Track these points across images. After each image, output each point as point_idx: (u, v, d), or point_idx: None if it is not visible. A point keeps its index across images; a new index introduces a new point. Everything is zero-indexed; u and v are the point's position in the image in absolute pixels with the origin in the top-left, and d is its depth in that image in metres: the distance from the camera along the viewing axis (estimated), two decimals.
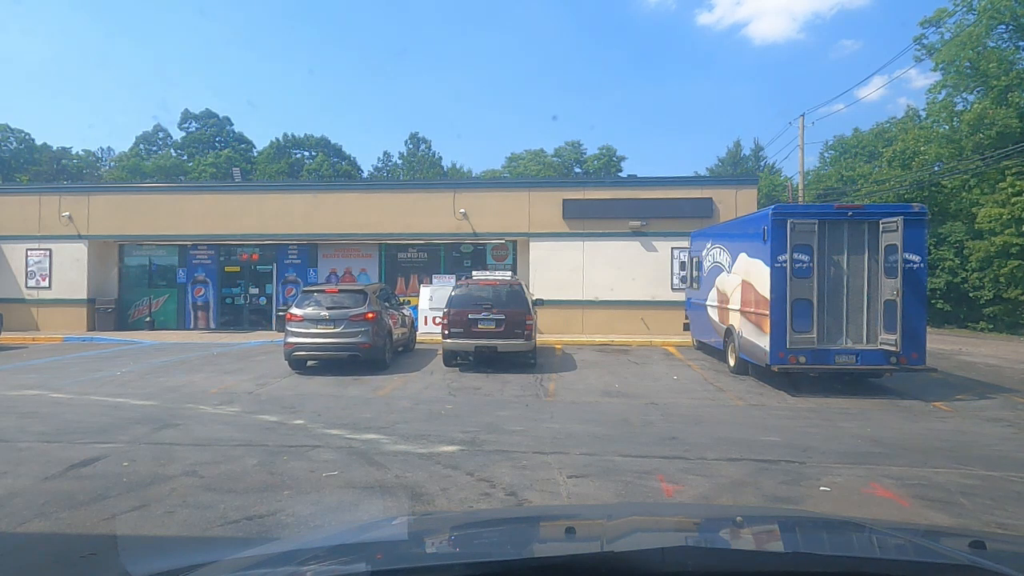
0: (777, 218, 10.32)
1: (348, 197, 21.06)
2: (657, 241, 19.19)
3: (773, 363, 10.29)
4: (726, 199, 19.02)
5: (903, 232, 9.84)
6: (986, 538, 1.66)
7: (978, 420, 8.70)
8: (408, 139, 60.88)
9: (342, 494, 5.46)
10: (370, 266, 21.16)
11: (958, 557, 1.54)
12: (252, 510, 5.02)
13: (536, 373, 12.31)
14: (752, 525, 2.04)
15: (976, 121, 23.44)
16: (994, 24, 23.55)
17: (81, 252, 20.75)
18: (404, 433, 7.56)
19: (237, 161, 49.49)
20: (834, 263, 10.29)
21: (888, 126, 36.48)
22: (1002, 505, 5.26)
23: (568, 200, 19.59)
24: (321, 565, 1.66)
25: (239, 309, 21.53)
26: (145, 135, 57.94)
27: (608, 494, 5.49)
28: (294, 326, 12.37)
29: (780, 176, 45.71)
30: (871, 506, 5.32)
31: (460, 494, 5.45)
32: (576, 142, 60.10)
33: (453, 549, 1.94)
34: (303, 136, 58.12)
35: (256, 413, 8.73)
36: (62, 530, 4.66)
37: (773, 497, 5.46)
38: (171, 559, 1.85)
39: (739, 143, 55.34)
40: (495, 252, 20.75)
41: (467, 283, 13.72)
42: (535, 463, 6.32)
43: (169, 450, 6.80)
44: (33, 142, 52.46)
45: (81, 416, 8.53)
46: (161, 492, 5.43)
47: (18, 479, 5.82)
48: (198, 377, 11.88)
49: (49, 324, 20.43)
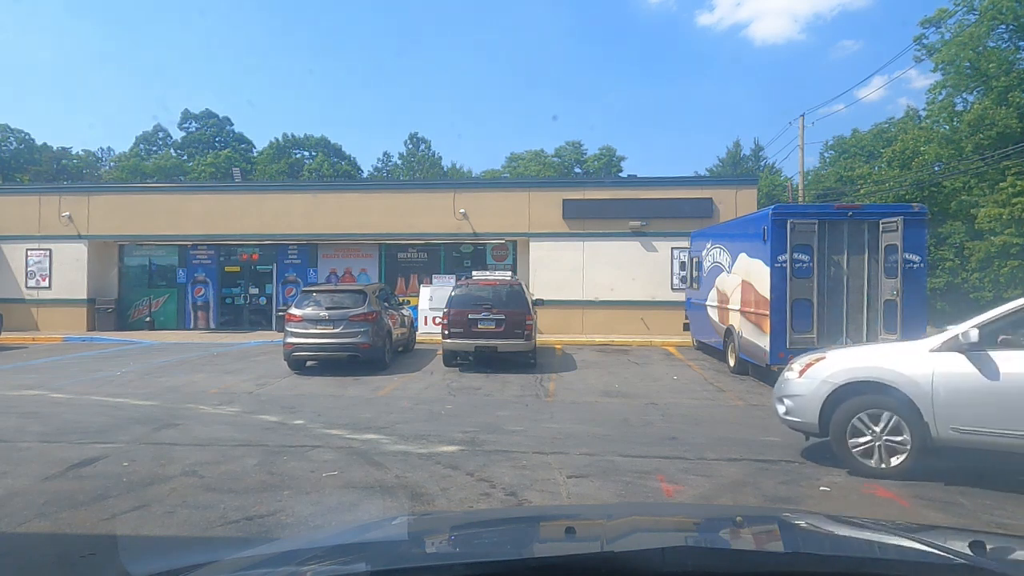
0: (777, 218, 10.33)
1: (348, 197, 21.06)
2: (657, 241, 19.19)
3: (773, 363, 10.28)
4: (726, 199, 19.02)
5: (903, 232, 9.84)
6: (986, 538, 1.66)
7: None
8: (408, 139, 60.87)
9: (342, 494, 5.46)
10: (370, 266, 21.17)
11: (958, 557, 1.54)
12: (252, 510, 5.02)
13: (536, 373, 12.31)
14: (752, 525, 2.04)
15: (976, 121, 23.44)
16: (995, 24, 23.56)
17: (81, 252, 20.74)
18: (404, 433, 7.56)
19: (237, 161, 49.50)
20: (834, 263, 10.29)
21: (888, 126, 36.46)
22: (1002, 505, 5.26)
23: (568, 200, 19.59)
24: (321, 565, 1.66)
25: (239, 309, 21.53)
26: (145, 135, 57.94)
27: (608, 494, 5.49)
28: (294, 326, 12.37)
29: (780, 176, 45.72)
30: (871, 506, 5.33)
31: (460, 494, 5.45)
32: (576, 142, 60.11)
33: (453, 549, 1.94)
34: (303, 136, 58.12)
35: (256, 413, 8.73)
36: (62, 530, 4.66)
37: (773, 497, 5.46)
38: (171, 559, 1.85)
39: (739, 143, 55.25)
40: (495, 252, 20.76)
41: (467, 283, 13.72)
42: (535, 463, 6.32)
43: (169, 450, 6.80)
44: (33, 142, 52.44)
45: (81, 416, 8.53)
46: (161, 492, 5.43)
47: (18, 479, 5.82)
48: (198, 377, 11.89)
49: (49, 324, 20.43)
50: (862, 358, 6.26)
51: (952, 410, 5.60)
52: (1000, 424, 5.44)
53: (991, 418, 5.47)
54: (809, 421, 6.20)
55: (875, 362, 6.06)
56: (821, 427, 6.14)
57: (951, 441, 5.68)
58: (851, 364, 6.17)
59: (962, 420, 5.58)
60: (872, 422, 5.92)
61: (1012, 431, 5.39)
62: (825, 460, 6.39)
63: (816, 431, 6.22)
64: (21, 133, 52.18)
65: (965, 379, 5.55)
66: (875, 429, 5.90)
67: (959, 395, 5.58)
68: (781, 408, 6.55)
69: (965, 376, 5.55)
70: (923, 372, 5.71)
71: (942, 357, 5.69)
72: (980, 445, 5.62)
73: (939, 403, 5.63)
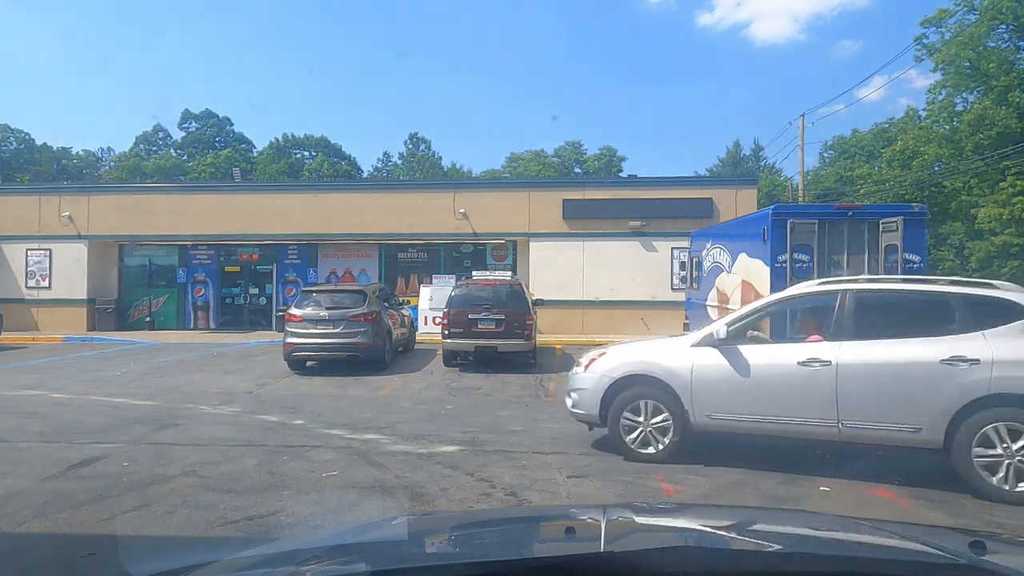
0: (777, 218, 10.32)
1: (348, 197, 21.05)
2: (657, 241, 19.19)
3: None
4: (726, 199, 19.02)
5: (903, 232, 9.83)
6: (986, 538, 1.66)
7: None
8: (408, 139, 60.89)
9: (342, 494, 5.46)
10: (370, 266, 21.17)
11: (958, 557, 1.54)
12: (252, 510, 5.02)
13: (536, 373, 12.31)
14: (752, 525, 2.04)
15: (976, 121, 23.45)
16: (995, 24, 23.57)
17: (81, 252, 20.74)
18: (404, 433, 7.56)
19: (237, 161, 49.50)
20: (834, 263, 10.28)
21: (888, 126, 36.47)
22: (1002, 505, 5.26)
23: (568, 200, 19.59)
24: (321, 565, 1.66)
25: (239, 309, 21.53)
26: (145, 135, 57.96)
27: (608, 494, 5.49)
28: (294, 326, 12.37)
29: (780, 176, 45.74)
30: (871, 506, 5.32)
31: (460, 494, 5.45)
32: (576, 142, 60.15)
33: (453, 549, 1.94)
34: (303, 136, 58.10)
35: (256, 413, 8.73)
36: (62, 530, 4.65)
37: (773, 497, 5.46)
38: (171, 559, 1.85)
39: (739, 143, 55.27)
40: (495, 252, 20.75)
41: (467, 283, 13.73)
42: (535, 463, 6.33)
43: (169, 450, 6.80)
44: (33, 142, 52.44)
45: (81, 416, 8.53)
46: (161, 492, 5.43)
47: (18, 479, 5.82)
48: (198, 377, 11.88)
49: (49, 324, 20.42)
50: (636, 353, 6.76)
51: (706, 399, 6.20)
52: (742, 410, 6.09)
53: (736, 405, 6.11)
54: (591, 413, 6.67)
55: (647, 357, 6.58)
56: (601, 418, 6.61)
57: (707, 426, 6.29)
58: (627, 359, 6.65)
59: (714, 407, 6.19)
60: (642, 412, 6.42)
61: (751, 416, 6.06)
62: (825, 460, 6.38)
63: (598, 422, 6.68)
64: (21, 133, 52.21)
65: (716, 371, 6.15)
66: (644, 419, 6.41)
67: (711, 385, 6.19)
68: (569, 401, 6.97)
69: (716, 368, 6.16)
70: (684, 365, 6.29)
71: (700, 352, 6.29)
72: (730, 429, 6.24)
73: (696, 393, 6.22)
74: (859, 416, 5.69)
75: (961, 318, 5.60)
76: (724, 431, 6.28)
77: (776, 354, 6.15)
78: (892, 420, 5.60)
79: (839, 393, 5.70)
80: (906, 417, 5.55)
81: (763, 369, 6.02)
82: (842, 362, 5.71)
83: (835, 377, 5.71)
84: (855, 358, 5.71)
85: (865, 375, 5.68)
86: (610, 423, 6.53)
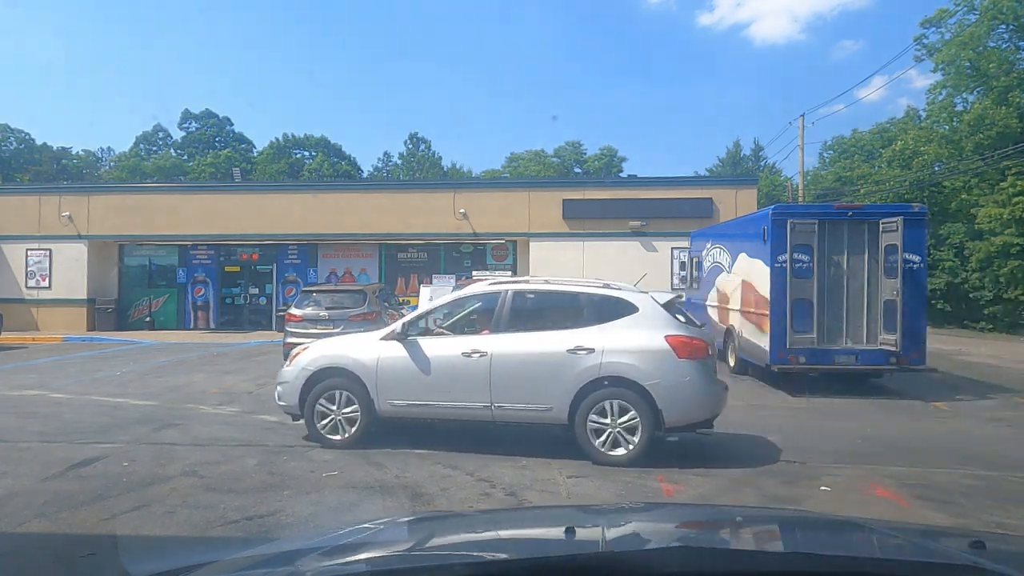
0: (777, 218, 10.33)
1: (348, 197, 21.07)
2: (657, 241, 19.19)
3: (773, 363, 10.29)
4: (726, 199, 19.02)
5: (903, 232, 9.83)
6: (986, 538, 1.66)
7: (978, 420, 8.70)
8: (408, 139, 60.78)
9: (342, 494, 5.46)
10: (370, 266, 21.17)
11: (958, 557, 1.54)
12: (252, 510, 5.01)
13: None
14: (752, 525, 2.04)
15: (976, 121, 23.44)
16: (995, 24, 23.56)
17: (81, 252, 20.74)
18: None
19: (237, 161, 49.48)
20: (834, 263, 10.29)
21: (888, 126, 36.44)
22: (1002, 505, 5.26)
23: (568, 200, 19.59)
24: (321, 565, 1.66)
25: (239, 309, 21.54)
26: (145, 135, 57.88)
27: (608, 494, 5.49)
28: (294, 326, 12.37)
29: (780, 176, 45.72)
30: (871, 506, 5.32)
31: (460, 494, 5.45)
32: (576, 142, 60.07)
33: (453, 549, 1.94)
34: (303, 136, 58.02)
35: (256, 413, 8.73)
36: (62, 530, 4.65)
37: (773, 497, 5.46)
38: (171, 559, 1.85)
39: (739, 143, 55.18)
40: (495, 252, 20.76)
41: (467, 283, 13.72)
42: (535, 463, 6.32)
43: (169, 450, 6.81)
44: (33, 142, 52.40)
45: (81, 416, 8.53)
46: (161, 492, 5.43)
47: (18, 479, 5.81)
48: (198, 377, 11.88)
49: (49, 324, 20.42)
50: (332, 347, 7.21)
51: (388, 387, 6.74)
52: (417, 396, 6.69)
53: (412, 392, 6.70)
54: (292, 403, 7.02)
55: (341, 350, 7.05)
56: (301, 408, 6.95)
57: (390, 413, 6.82)
58: (324, 352, 7.10)
59: (394, 395, 6.74)
60: (336, 401, 6.84)
61: (424, 401, 6.68)
62: (825, 460, 6.38)
63: (299, 412, 7.00)
64: (21, 133, 52.16)
65: (397, 362, 6.72)
66: (336, 408, 6.83)
67: (392, 375, 6.73)
68: (276, 393, 7.31)
69: (397, 360, 6.73)
70: (371, 357, 6.81)
71: (386, 345, 6.83)
72: (408, 414, 6.81)
73: (380, 382, 6.74)
74: (507, 398, 6.49)
75: (588, 314, 6.67)
76: (404, 416, 6.82)
77: (447, 346, 6.74)
78: (530, 401, 6.48)
79: (492, 380, 6.48)
80: (540, 398, 6.44)
81: (434, 360, 6.65)
82: (495, 352, 6.51)
83: (489, 365, 6.49)
84: (505, 349, 6.53)
85: (512, 363, 6.50)
86: (306, 412, 6.90)
